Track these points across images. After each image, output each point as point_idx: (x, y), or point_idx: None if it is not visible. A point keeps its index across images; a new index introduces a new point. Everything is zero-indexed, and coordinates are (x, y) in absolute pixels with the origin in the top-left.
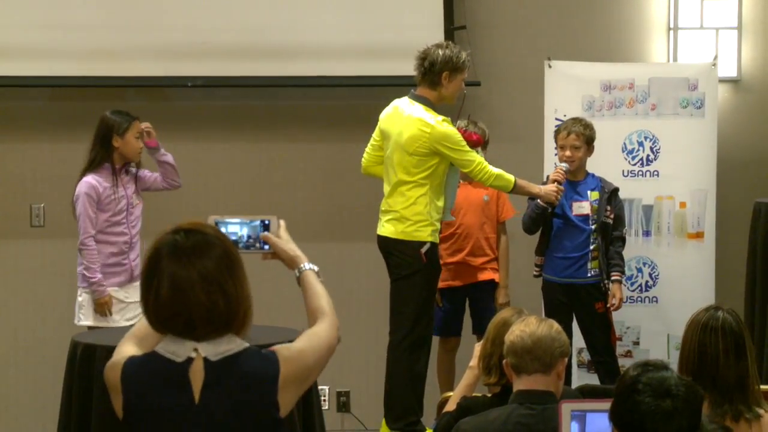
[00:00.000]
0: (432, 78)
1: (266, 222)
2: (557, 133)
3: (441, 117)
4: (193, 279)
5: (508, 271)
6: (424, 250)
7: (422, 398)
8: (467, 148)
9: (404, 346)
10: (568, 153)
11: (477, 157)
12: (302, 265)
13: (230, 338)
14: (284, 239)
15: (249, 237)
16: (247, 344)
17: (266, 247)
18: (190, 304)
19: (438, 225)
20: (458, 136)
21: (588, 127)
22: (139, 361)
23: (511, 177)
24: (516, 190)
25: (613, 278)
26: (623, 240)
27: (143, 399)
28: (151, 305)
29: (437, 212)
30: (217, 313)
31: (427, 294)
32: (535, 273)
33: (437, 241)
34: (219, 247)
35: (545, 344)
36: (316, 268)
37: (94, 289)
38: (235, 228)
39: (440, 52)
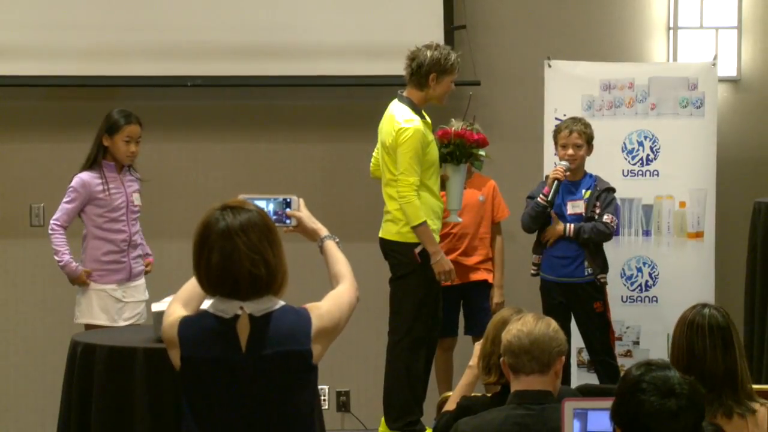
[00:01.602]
0: (419, 79)
1: (288, 200)
2: (557, 132)
3: (416, 120)
4: (240, 250)
5: (503, 272)
6: (417, 250)
7: (422, 398)
8: (413, 165)
9: (402, 346)
10: (570, 152)
11: (411, 179)
12: (323, 236)
13: (270, 298)
14: (306, 215)
15: (275, 212)
16: (283, 302)
17: (288, 221)
18: (236, 271)
19: (435, 225)
20: (413, 150)
21: (588, 126)
22: (194, 319)
23: (423, 217)
24: (418, 231)
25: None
26: (605, 224)
27: (198, 351)
28: (203, 272)
29: (433, 211)
30: (259, 279)
31: (423, 294)
32: (532, 272)
33: (436, 240)
34: (261, 223)
35: (543, 344)
36: (336, 239)
37: (66, 272)
38: (262, 204)
39: (428, 53)
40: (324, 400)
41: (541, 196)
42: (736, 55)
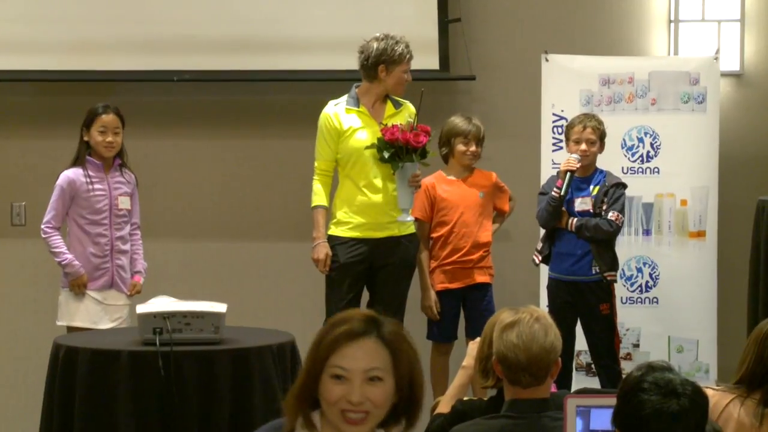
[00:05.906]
0: (367, 72)
1: None
2: (570, 127)
3: (332, 105)
4: None
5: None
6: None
7: None
8: (318, 149)
9: None
10: (584, 147)
11: (316, 162)
12: None
13: None
14: None
15: None
16: None
17: None
18: None
19: (353, 219)
20: (319, 134)
21: (601, 122)
22: None
23: (317, 201)
24: (313, 212)
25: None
26: (609, 222)
27: None
28: None
29: (349, 203)
30: None
31: (328, 291)
32: (534, 259)
33: (343, 235)
34: None
35: (541, 360)
36: None
37: (67, 271)
38: None
39: (375, 45)
40: None
41: (555, 189)
42: (738, 49)
